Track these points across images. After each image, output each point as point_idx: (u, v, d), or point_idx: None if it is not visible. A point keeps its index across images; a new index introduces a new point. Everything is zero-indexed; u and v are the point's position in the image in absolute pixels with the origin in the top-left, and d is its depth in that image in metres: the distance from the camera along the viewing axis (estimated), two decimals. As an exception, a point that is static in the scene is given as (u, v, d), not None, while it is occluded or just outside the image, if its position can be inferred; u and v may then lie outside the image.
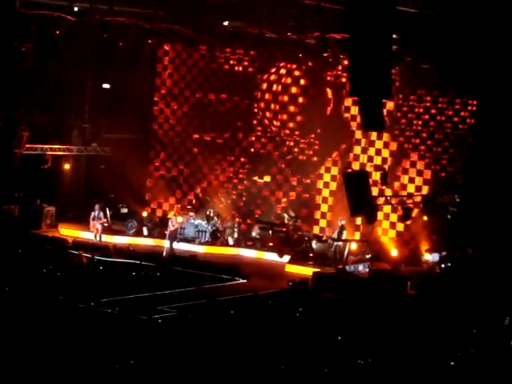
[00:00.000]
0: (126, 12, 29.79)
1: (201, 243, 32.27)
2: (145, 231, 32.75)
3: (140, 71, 33.90)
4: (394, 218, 31.33)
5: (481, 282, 25.47)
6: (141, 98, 34.32)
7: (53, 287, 23.27)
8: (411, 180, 31.54)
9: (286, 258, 30.40)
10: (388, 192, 30.26)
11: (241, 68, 34.37)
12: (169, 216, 32.30)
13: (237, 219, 33.59)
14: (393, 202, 28.98)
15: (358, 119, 29.61)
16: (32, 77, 32.00)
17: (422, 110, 31.79)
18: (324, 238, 31.35)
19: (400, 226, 31.45)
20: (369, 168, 31.27)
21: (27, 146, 31.80)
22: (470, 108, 31.07)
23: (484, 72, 29.12)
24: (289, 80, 33.61)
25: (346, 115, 32.64)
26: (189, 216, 32.84)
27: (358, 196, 24.76)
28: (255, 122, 34.42)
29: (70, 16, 29.22)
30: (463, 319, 22.10)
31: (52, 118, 33.75)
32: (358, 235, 31.60)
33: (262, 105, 34.10)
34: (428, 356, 18.93)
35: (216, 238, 32.48)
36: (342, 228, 30.32)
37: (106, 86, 34.36)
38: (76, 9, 29.43)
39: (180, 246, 31.37)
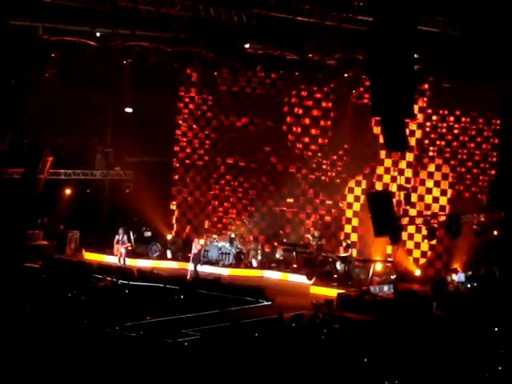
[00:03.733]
0: (147, 36, 29.94)
1: (225, 265, 32.23)
2: (168, 254, 32.78)
3: (162, 95, 34.06)
4: (418, 238, 31.16)
5: (507, 301, 25.23)
6: (163, 121, 34.46)
7: (77, 312, 23.27)
8: (435, 200, 31.41)
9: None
10: (412, 212, 30.11)
11: (262, 91, 34.43)
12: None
13: (260, 241, 33.54)
14: (417, 221, 28.82)
15: (381, 139, 29.54)
16: (55, 102, 32.21)
17: (444, 130, 31.69)
18: (348, 259, 31.24)
19: (425, 246, 31.27)
20: (392, 188, 31.15)
21: (51, 171, 31.98)
22: (493, 127, 30.94)
23: (507, 90, 29.06)
24: (310, 102, 33.64)
25: (369, 135, 32.60)
26: (212, 238, 32.83)
27: (382, 216, 24.65)
28: (277, 144, 34.43)
29: (93, 41, 29.43)
30: (490, 338, 21.88)
31: (75, 143, 33.92)
32: (382, 256, 31.46)
33: (285, 127, 34.13)
34: (455, 376, 18.73)
35: (240, 260, 32.43)
36: (348, 247, 30.50)
37: (128, 110, 34.50)
38: (98, 34, 29.63)
39: (204, 269, 31.34)
